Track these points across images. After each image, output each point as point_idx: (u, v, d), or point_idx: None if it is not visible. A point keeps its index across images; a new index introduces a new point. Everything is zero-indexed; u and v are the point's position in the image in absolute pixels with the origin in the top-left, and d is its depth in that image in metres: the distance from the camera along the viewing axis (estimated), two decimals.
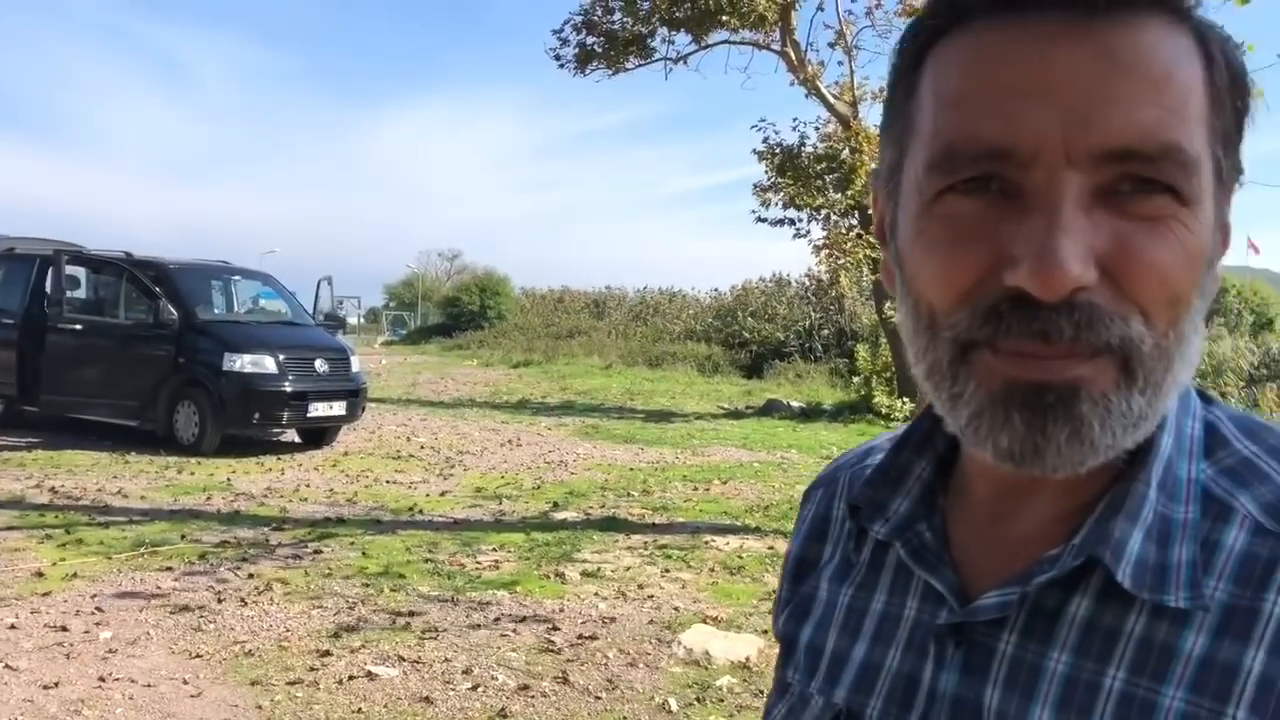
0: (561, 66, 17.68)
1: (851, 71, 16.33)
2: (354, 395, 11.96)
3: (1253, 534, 0.57)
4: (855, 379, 18.78)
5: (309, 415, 11.39)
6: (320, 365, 11.67)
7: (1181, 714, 0.54)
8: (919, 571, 0.67)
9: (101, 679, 4.55)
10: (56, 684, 4.47)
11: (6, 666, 4.63)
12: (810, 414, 16.54)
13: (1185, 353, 0.57)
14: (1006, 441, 0.56)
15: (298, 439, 12.19)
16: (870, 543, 0.73)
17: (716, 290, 36.34)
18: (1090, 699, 0.57)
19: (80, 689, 4.44)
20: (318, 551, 6.85)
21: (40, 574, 6.13)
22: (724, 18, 16.06)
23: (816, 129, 17.61)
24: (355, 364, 12.29)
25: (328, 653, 4.93)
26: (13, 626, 5.17)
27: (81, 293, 12.72)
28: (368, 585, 6.07)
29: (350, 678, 4.63)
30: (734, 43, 16.94)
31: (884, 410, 15.80)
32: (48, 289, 11.94)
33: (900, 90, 0.62)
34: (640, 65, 18.08)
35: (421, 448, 12.10)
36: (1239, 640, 0.54)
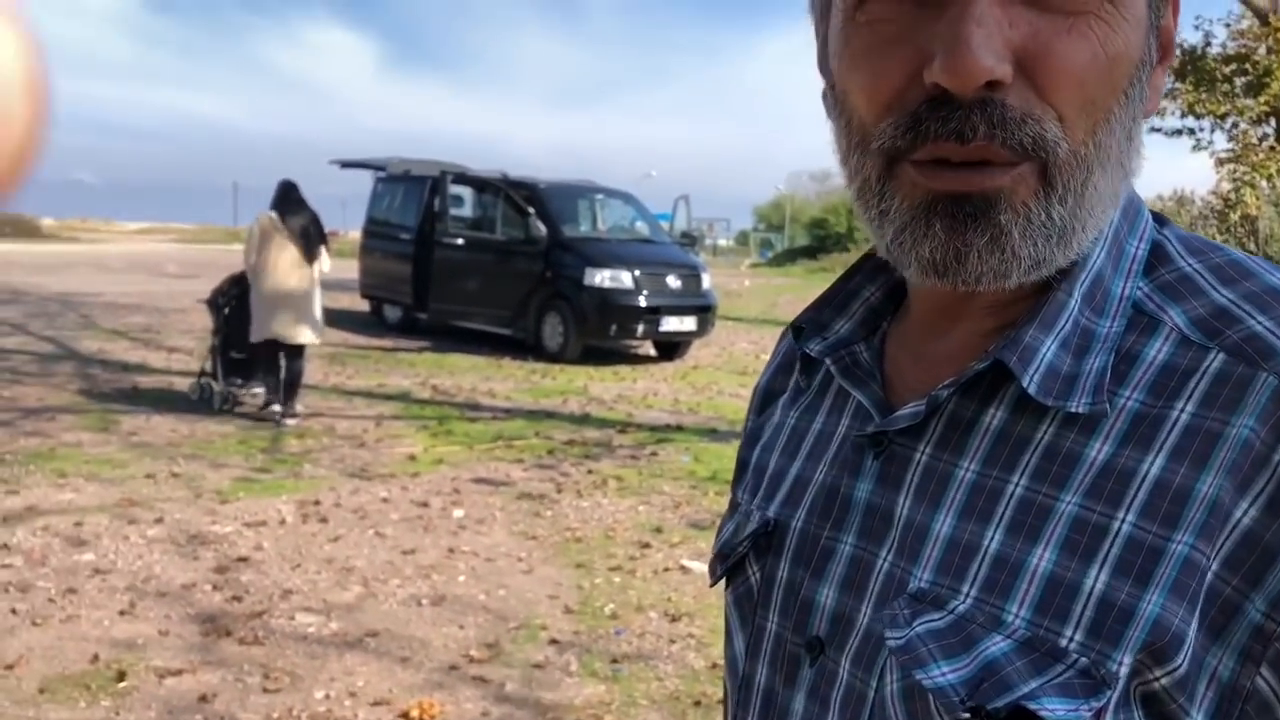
0: None
1: None
2: (705, 311, 12.26)
3: (1176, 346, 0.56)
4: None
5: (661, 329, 11.82)
6: (673, 281, 12.04)
7: (1073, 518, 0.54)
8: (846, 386, 0.68)
9: (450, 550, 5.03)
10: (414, 550, 5.00)
11: (376, 532, 5.24)
12: None
13: (1106, 162, 0.55)
14: (928, 251, 0.56)
15: (653, 351, 12.72)
16: (822, 370, 0.73)
17: None
18: (991, 506, 0.57)
19: (432, 556, 4.93)
20: (654, 454, 7.14)
21: (413, 457, 6.85)
22: None
23: (1226, 26, 15.61)
24: (706, 281, 12.57)
25: (647, 545, 5.14)
26: (385, 499, 5.83)
27: (465, 210, 13.89)
28: (694, 488, 6.24)
29: (665, 569, 4.80)
30: None
31: None
32: (436, 207, 13.15)
33: None
34: None
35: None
36: (1140, 447, 0.54)
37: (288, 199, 7.69)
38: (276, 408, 7.77)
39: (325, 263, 7.78)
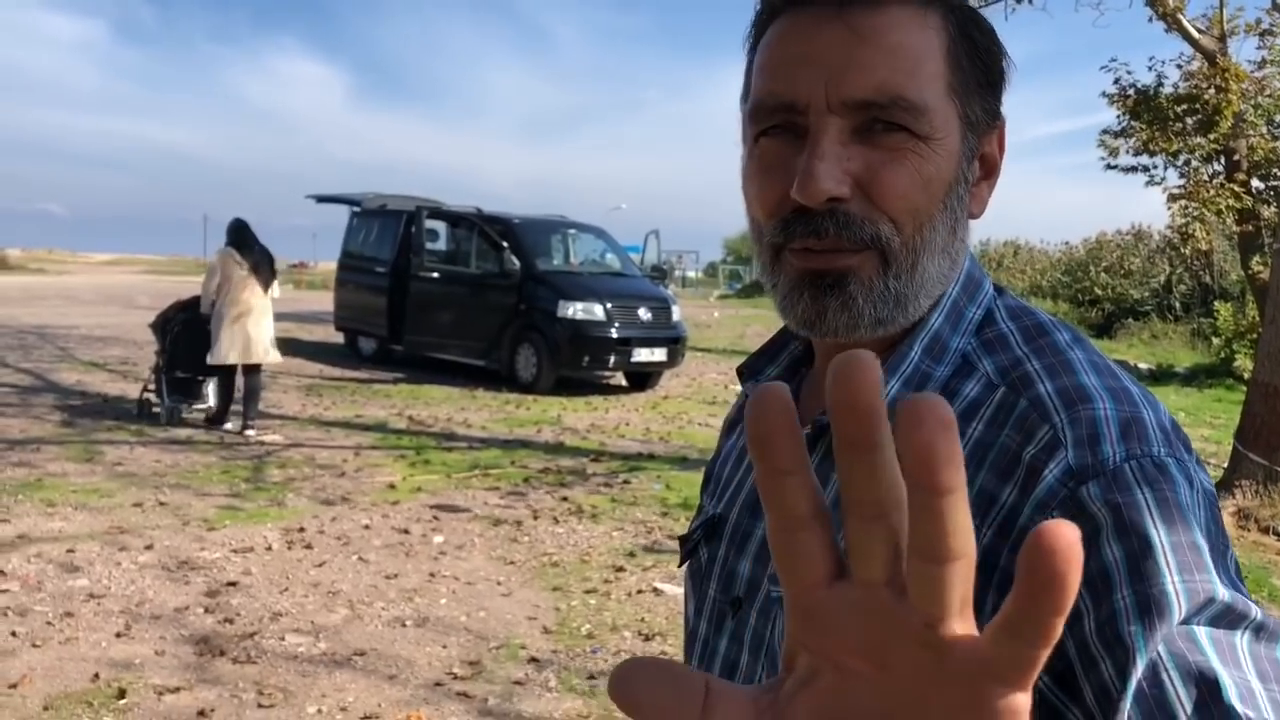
0: None
1: (1222, 3, 14.78)
2: (675, 342, 12.53)
3: (983, 386, 0.76)
4: (1215, 340, 17.16)
5: (633, 360, 12.08)
6: (644, 313, 12.31)
7: None
8: None
9: (431, 574, 5.23)
10: (396, 575, 5.20)
11: (360, 558, 5.43)
12: (1161, 377, 15.35)
13: (933, 251, 0.77)
14: (800, 311, 0.77)
15: (624, 381, 12.96)
16: None
17: (1067, 243, 34.05)
18: None
19: (414, 580, 5.13)
20: (626, 482, 7.37)
21: (392, 486, 7.04)
22: None
23: (1178, 67, 16.13)
24: (676, 313, 12.85)
25: (621, 569, 5.37)
26: (366, 526, 6.02)
27: (440, 244, 14.14)
28: (666, 514, 6.48)
29: (639, 591, 5.03)
30: None
31: (1245, 375, 14.37)
32: (411, 241, 13.38)
33: (746, 66, 0.82)
34: (981, 7, 17.29)
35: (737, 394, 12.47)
36: None
37: (242, 236, 8.73)
38: (229, 425, 8.82)
39: (275, 290, 8.97)
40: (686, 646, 0.97)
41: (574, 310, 11.91)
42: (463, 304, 12.79)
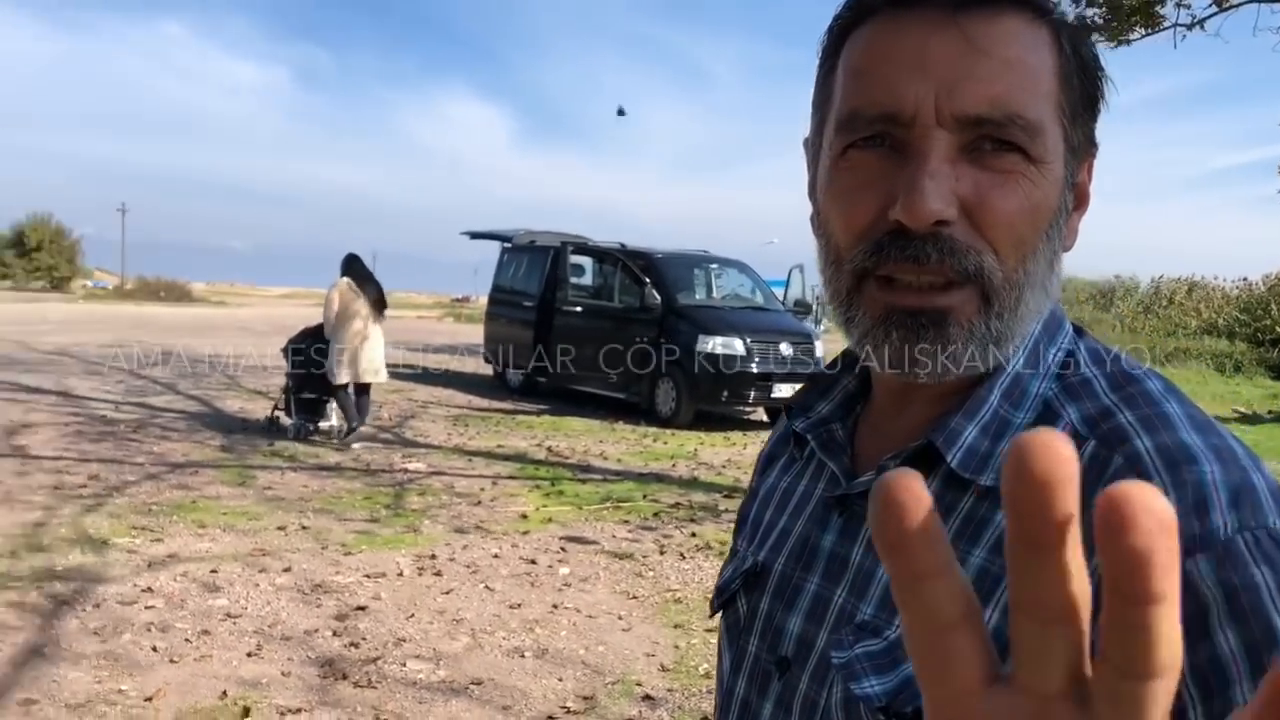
0: None
1: None
2: None
3: (1069, 437, 0.66)
4: None
5: (773, 395, 11.93)
6: (785, 349, 12.17)
7: (979, 569, 0.68)
8: (822, 457, 0.84)
9: (554, 606, 5.24)
10: (520, 605, 5.23)
11: (486, 587, 5.49)
12: None
13: (1034, 286, 0.70)
14: (888, 353, 0.70)
15: (764, 417, 12.82)
16: (807, 444, 0.88)
17: (1245, 279, 32.17)
18: None
19: (537, 611, 5.15)
20: None
21: (524, 516, 7.12)
22: None
23: None
24: (819, 349, 12.65)
25: None
26: (495, 555, 6.09)
27: (585, 279, 14.35)
28: None
29: None
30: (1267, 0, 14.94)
31: None
32: (558, 276, 13.63)
33: (824, 69, 0.76)
34: (1146, 35, 16.56)
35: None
36: None
37: (356, 268, 9.72)
38: (349, 439, 9.61)
39: (384, 316, 9.90)
40: (721, 705, 0.90)
41: (713, 345, 11.87)
42: (605, 337, 12.91)
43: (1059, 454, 0.26)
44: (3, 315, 30.52)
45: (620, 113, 24.30)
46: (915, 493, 0.27)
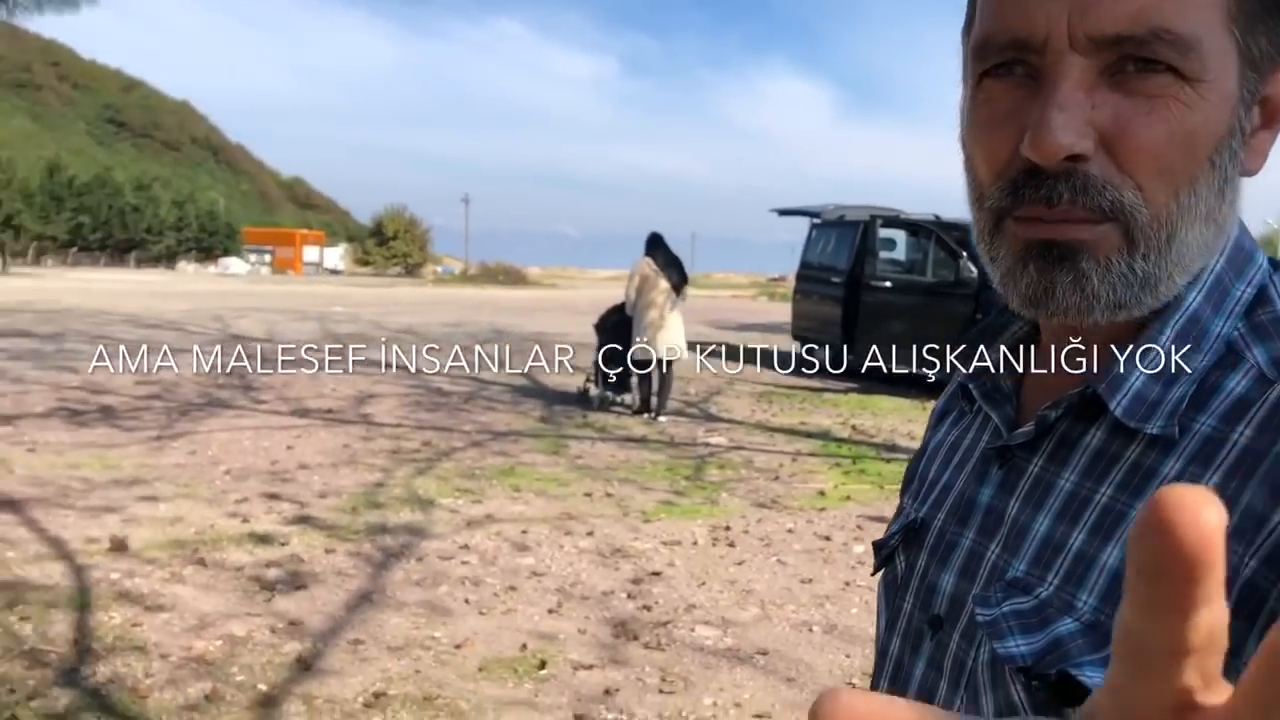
0: None
1: None
2: None
3: (1253, 381, 0.63)
4: None
5: None
6: None
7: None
8: (985, 408, 0.79)
9: (846, 583, 5.16)
10: (811, 580, 5.19)
11: (778, 560, 5.49)
12: None
13: (1195, 220, 0.63)
14: (1024, 288, 0.65)
15: None
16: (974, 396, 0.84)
17: None
18: (1080, 510, 0.66)
19: (828, 587, 5.09)
20: None
21: (822, 493, 7.05)
22: None
23: None
24: None
25: None
26: (790, 530, 6.08)
27: (895, 253, 13.94)
28: None
29: None
30: None
31: None
32: (867, 251, 13.33)
33: None
34: None
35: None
36: (1203, 464, 0.61)
37: (659, 247, 9.82)
38: (651, 414, 9.91)
39: (685, 295, 9.93)
40: (876, 665, 0.86)
41: None
42: (917, 313, 12.51)
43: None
44: (362, 298, 34.06)
45: None
46: (1208, 502, 0.24)
